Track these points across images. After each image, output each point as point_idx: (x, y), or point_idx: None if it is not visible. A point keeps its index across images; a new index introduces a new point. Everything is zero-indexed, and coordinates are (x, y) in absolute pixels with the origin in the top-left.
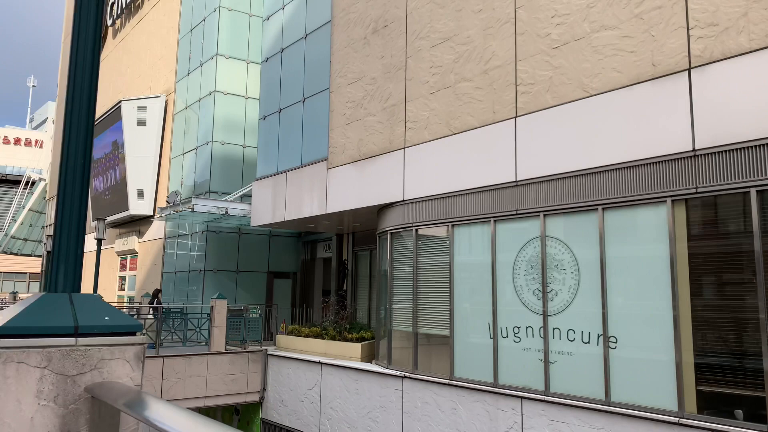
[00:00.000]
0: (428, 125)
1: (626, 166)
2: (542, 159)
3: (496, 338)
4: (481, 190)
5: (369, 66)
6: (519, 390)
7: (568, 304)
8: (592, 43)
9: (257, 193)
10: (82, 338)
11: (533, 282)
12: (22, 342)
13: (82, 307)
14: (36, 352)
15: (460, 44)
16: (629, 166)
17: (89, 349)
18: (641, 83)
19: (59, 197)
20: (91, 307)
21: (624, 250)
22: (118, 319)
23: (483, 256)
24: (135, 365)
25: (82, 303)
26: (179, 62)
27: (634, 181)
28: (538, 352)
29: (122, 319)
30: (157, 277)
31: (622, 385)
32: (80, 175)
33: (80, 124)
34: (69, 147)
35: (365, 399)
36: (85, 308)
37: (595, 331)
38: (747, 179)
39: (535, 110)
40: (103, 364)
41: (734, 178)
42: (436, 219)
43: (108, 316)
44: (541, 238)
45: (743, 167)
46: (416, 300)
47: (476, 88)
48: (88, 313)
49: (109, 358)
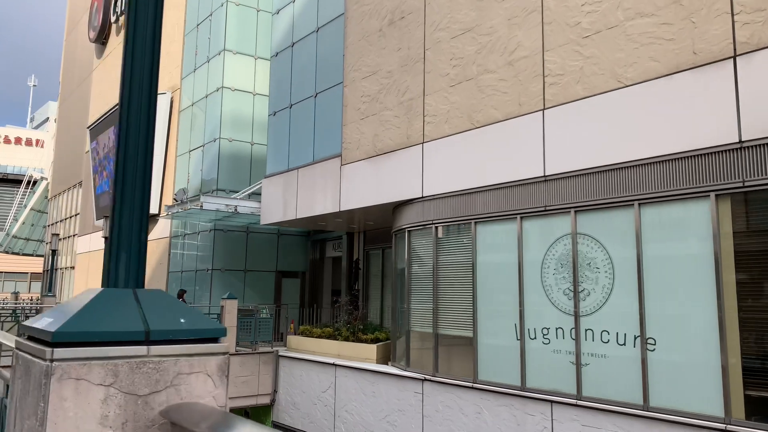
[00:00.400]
0: (448, 119)
1: (665, 160)
2: (573, 153)
3: (524, 340)
4: (506, 186)
5: (385, 59)
6: (548, 394)
7: (601, 304)
8: (627, 31)
9: (267, 191)
10: (154, 347)
11: (563, 281)
12: (82, 352)
13: (151, 307)
14: (99, 365)
15: (482, 35)
16: (668, 159)
17: (164, 360)
18: (681, 72)
19: (118, 178)
20: (162, 306)
21: (662, 248)
22: (197, 321)
23: (508, 254)
24: (218, 380)
25: (150, 301)
26: (185, 58)
27: (673, 175)
28: (569, 354)
29: (201, 321)
30: (162, 276)
31: (661, 389)
32: (143, 154)
33: (141, 103)
34: (129, 123)
35: (383, 402)
36: (154, 308)
37: (631, 333)
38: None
39: (565, 102)
40: (181, 379)
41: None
42: (457, 216)
43: (184, 317)
44: (572, 235)
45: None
46: (436, 300)
47: (500, 80)
48: (159, 315)
49: (187, 371)
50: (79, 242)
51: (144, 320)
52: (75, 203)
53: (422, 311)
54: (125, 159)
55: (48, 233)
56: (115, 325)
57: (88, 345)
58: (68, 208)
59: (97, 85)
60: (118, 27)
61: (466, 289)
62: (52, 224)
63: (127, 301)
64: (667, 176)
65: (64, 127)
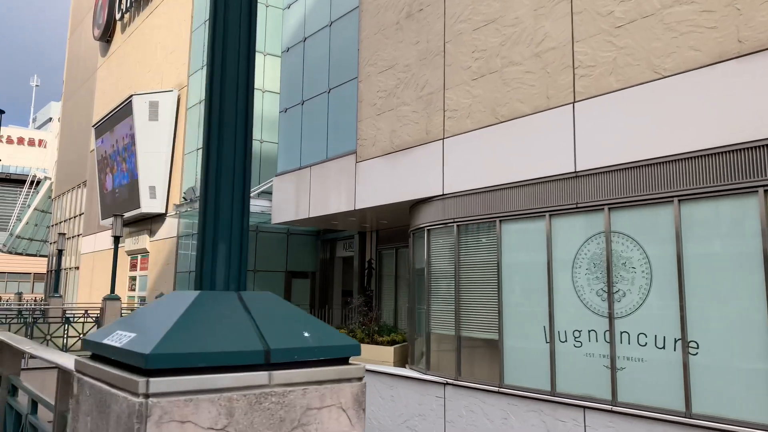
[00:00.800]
0: (470, 113)
1: (707, 154)
2: (606, 147)
3: (553, 342)
4: (533, 182)
5: (402, 53)
6: (581, 399)
7: (638, 305)
8: (664, 19)
9: (278, 189)
10: (277, 372)
11: (596, 282)
12: (188, 383)
13: (265, 316)
14: (209, 400)
15: (507, 26)
16: (711, 153)
17: (290, 391)
18: (725, 62)
19: (212, 149)
20: (278, 315)
21: (705, 246)
22: (324, 335)
23: (536, 253)
24: (355, 416)
25: (261, 308)
26: (192, 55)
27: (717, 169)
28: (603, 358)
29: (328, 334)
30: (170, 277)
31: (705, 395)
32: (243, 120)
33: (239, 88)
34: (224, 103)
35: (402, 406)
36: (269, 317)
37: (671, 336)
38: None
39: (597, 94)
40: (310, 417)
41: None
42: (480, 214)
43: (307, 330)
44: (605, 233)
45: None
46: (458, 301)
47: (527, 73)
48: (277, 327)
49: (317, 406)
50: (83, 242)
51: (260, 335)
52: (79, 203)
53: (443, 313)
54: (221, 126)
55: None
56: (226, 342)
57: (191, 372)
58: (72, 207)
59: (101, 83)
60: (123, 24)
61: (490, 290)
62: (56, 224)
63: (234, 308)
64: (709, 171)
65: (67, 126)
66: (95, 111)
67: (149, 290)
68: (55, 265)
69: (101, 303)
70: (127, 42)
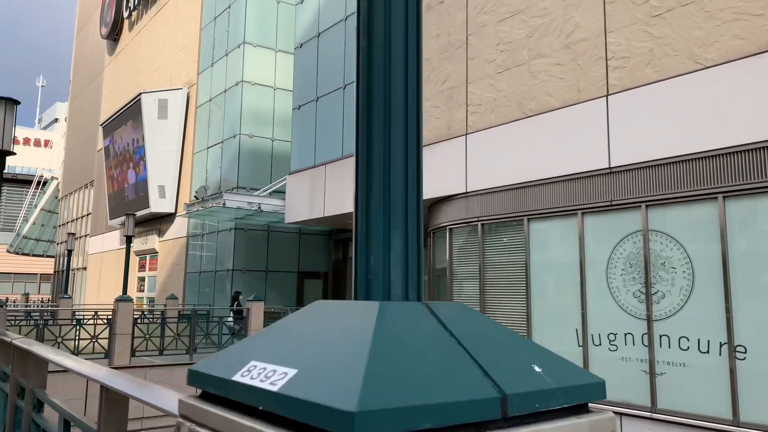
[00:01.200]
0: (495, 108)
1: (755, 148)
2: (642, 142)
3: (587, 346)
4: (564, 179)
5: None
6: (617, 405)
7: (679, 307)
8: (705, 7)
9: (292, 188)
10: (517, 430)
11: (633, 282)
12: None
13: (475, 341)
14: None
15: (534, 17)
16: (759, 147)
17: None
18: None
19: (374, 126)
20: (485, 337)
21: (753, 245)
22: (558, 369)
23: (568, 252)
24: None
25: (462, 327)
26: (202, 52)
27: (764, 164)
28: (641, 363)
29: (562, 368)
30: (179, 278)
31: (754, 402)
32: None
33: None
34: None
35: None
36: (480, 343)
37: (716, 339)
38: None
39: (632, 87)
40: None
41: None
42: (507, 212)
43: (534, 361)
44: (642, 232)
45: None
46: (483, 302)
47: (556, 65)
48: (496, 358)
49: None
50: (90, 243)
51: (483, 372)
52: (86, 203)
53: None
54: (389, 98)
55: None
56: (450, 387)
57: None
58: (79, 208)
59: (108, 82)
60: (131, 22)
61: (518, 291)
62: (62, 224)
63: (430, 327)
64: (756, 166)
65: (74, 126)
66: (102, 110)
67: (158, 291)
68: (63, 265)
69: (113, 304)
70: (135, 40)
